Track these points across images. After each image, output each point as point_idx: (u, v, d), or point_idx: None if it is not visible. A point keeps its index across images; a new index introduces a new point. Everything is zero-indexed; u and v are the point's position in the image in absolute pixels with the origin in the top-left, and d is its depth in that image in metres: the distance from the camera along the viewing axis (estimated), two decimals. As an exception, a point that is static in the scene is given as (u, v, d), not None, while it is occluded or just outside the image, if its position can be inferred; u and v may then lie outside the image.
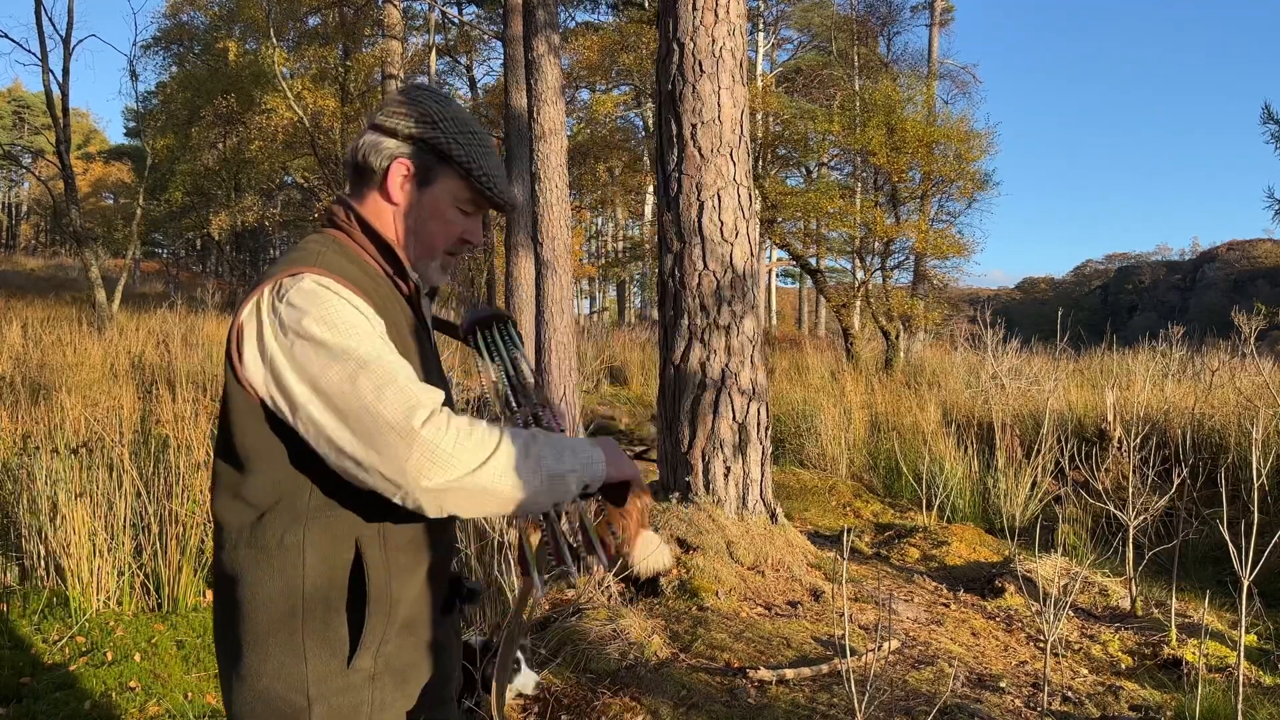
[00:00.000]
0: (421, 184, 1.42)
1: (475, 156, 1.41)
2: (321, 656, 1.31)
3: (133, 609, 4.13)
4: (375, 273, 1.40)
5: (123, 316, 16.08)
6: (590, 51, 26.61)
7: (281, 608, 1.30)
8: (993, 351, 10.75)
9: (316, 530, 1.31)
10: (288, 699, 1.30)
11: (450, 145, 1.39)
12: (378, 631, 1.32)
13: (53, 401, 5.88)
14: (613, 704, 3.27)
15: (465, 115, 1.44)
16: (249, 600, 1.32)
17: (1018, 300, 60.14)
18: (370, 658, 1.32)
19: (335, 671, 1.31)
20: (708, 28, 5.16)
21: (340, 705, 1.31)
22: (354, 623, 1.32)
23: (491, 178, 1.42)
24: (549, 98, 9.31)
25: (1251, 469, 3.50)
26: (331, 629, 1.31)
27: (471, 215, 1.46)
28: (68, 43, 15.33)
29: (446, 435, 1.21)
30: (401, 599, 1.36)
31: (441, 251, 1.46)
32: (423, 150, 1.40)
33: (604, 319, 36.52)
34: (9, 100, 51.61)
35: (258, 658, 1.32)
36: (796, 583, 4.75)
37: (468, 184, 1.41)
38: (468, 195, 1.43)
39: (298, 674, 1.30)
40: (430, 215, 1.42)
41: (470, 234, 1.46)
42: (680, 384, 5.20)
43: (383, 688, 1.34)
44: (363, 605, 1.31)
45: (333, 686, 1.31)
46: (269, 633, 1.31)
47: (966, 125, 16.96)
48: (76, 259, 25.77)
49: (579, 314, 33.01)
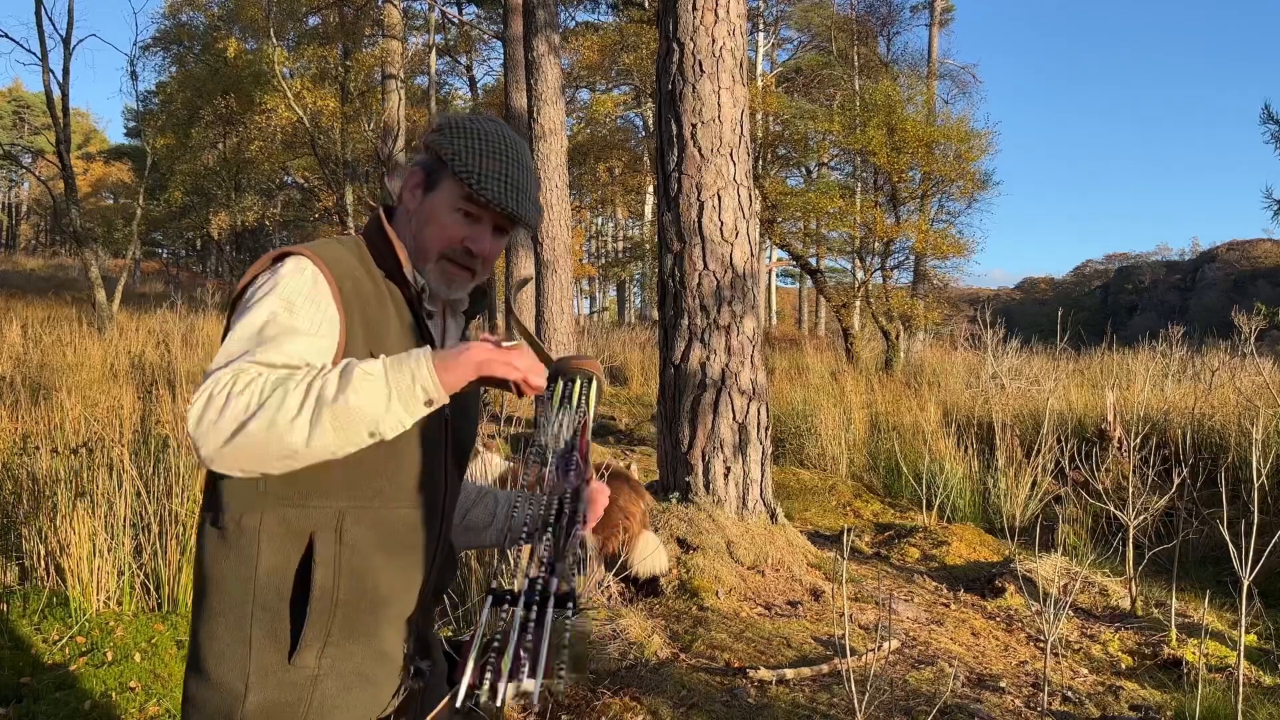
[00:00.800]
0: (427, 189, 1.44)
1: (467, 156, 1.39)
2: (266, 647, 1.30)
3: (133, 609, 4.12)
4: (377, 273, 1.41)
5: (123, 316, 16.07)
6: (590, 51, 26.62)
7: (235, 592, 1.30)
8: (993, 351, 10.76)
9: (272, 519, 1.30)
10: (227, 683, 1.29)
11: (445, 147, 1.40)
12: (319, 630, 1.30)
13: (53, 401, 5.87)
14: (613, 704, 3.27)
15: (488, 128, 1.42)
16: (208, 580, 1.33)
17: (1018, 300, 60.14)
18: (313, 657, 1.30)
19: (277, 665, 1.30)
20: (708, 28, 5.16)
21: (277, 699, 1.29)
22: (297, 618, 1.30)
23: (480, 176, 1.38)
24: (549, 98, 9.32)
25: (1251, 469, 3.50)
26: (279, 621, 1.30)
27: (476, 220, 1.42)
28: (68, 42, 15.31)
29: (220, 380, 1.19)
30: (353, 601, 1.32)
31: (436, 255, 1.43)
32: (432, 157, 1.43)
33: (604, 319, 36.53)
34: (9, 100, 51.62)
35: (206, 635, 1.32)
36: (796, 583, 4.75)
37: (461, 184, 1.40)
38: (463, 195, 1.41)
39: (241, 660, 1.29)
40: (429, 219, 1.43)
41: (474, 241, 1.42)
42: (680, 384, 5.20)
43: (324, 689, 1.32)
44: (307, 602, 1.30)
45: (273, 679, 1.29)
46: (219, 613, 1.31)
47: (966, 125, 16.96)
48: (76, 259, 25.77)
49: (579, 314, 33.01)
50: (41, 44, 15.14)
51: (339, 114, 23.75)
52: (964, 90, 26.65)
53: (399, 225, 1.45)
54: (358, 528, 1.33)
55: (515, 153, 1.43)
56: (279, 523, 1.30)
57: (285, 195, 33.28)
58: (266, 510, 1.30)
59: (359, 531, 1.33)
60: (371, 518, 1.34)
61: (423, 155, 1.46)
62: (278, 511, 1.30)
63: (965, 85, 26.45)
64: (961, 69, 26.52)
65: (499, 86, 24.22)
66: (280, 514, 1.30)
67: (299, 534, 1.30)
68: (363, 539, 1.34)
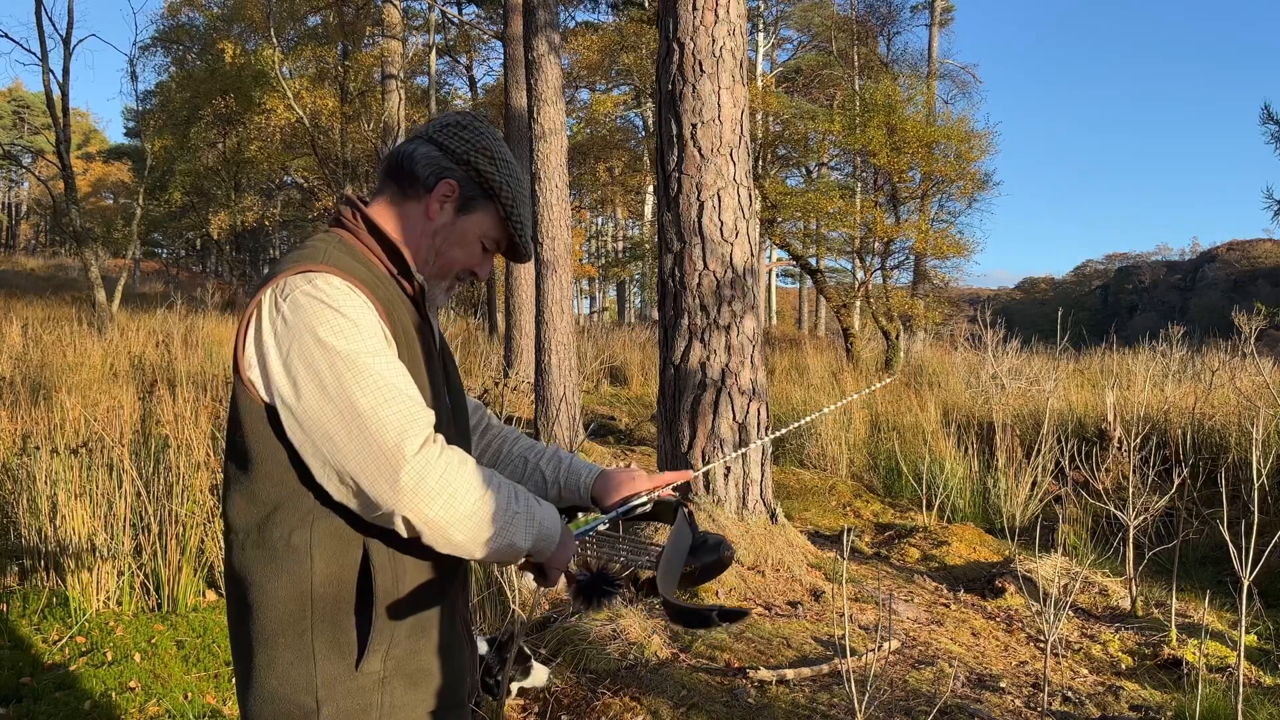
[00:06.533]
0: (461, 209, 1.45)
1: (517, 203, 1.47)
2: (330, 658, 1.30)
3: (133, 609, 4.12)
4: (381, 273, 1.40)
5: (123, 316, 16.06)
6: (590, 51, 26.61)
7: (290, 609, 1.30)
8: (993, 351, 10.75)
9: (322, 531, 1.30)
10: (296, 700, 1.30)
11: (501, 186, 1.44)
12: (385, 634, 1.32)
13: (53, 401, 5.87)
14: (613, 704, 3.27)
15: (512, 158, 1.49)
16: (258, 601, 1.32)
17: (1018, 300, 60.16)
18: (379, 660, 1.32)
19: (344, 674, 1.31)
20: (708, 28, 5.16)
21: (349, 708, 1.31)
22: (362, 625, 1.31)
23: (524, 226, 1.48)
24: (549, 97, 9.31)
25: (1251, 469, 3.50)
26: (340, 630, 1.31)
27: (489, 253, 1.51)
28: (68, 42, 15.31)
29: (435, 466, 1.23)
30: (410, 602, 1.35)
31: (453, 276, 1.49)
32: (473, 179, 1.44)
33: (604, 319, 36.52)
34: (9, 100, 51.62)
35: (266, 658, 1.32)
36: (796, 583, 4.75)
37: (503, 225, 1.47)
38: (496, 234, 1.48)
39: (306, 675, 1.30)
40: (458, 241, 1.46)
41: (481, 270, 1.51)
42: (680, 384, 5.20)
43: (393, 691, 1.34)
44: (370, 607, 1.31)
45: (341, 689, 1.30)
46: (277, 633, 1.31)
47: (966, 125, 16.97)
48: (76, 259, 25.76)
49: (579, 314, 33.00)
50: (41, 44, 15.14)
51: (339, 114, 23.75)
52: (964, 90, 26.70)
53: (406, 226, 1.44)
54: None
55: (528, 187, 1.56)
56: (329, 534, 1.31)
57: (285, 195, 33.29)
58: (316, 523, 1.31)
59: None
60: None
61: (459, 172, 1.43)
62: (327, 522, 1.31)
63: (965, 85, 26.51)
64: (961, 69, 26.58)
65: (499, 86, 24.23)
66: (330, 525, 1.31)
67: (351, 542, 1.31)
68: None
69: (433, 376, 1.43)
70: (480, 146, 1.44)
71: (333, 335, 1.25)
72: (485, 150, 1.44)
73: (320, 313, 1.26)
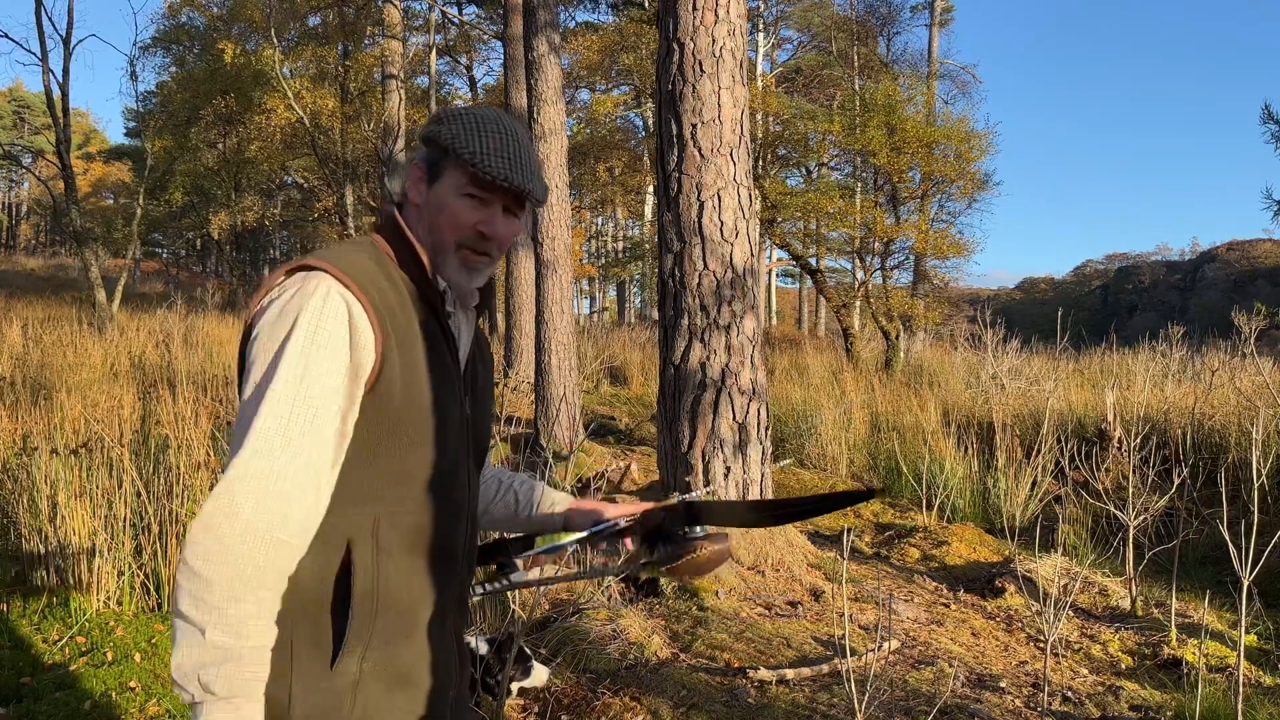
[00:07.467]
0: (430, 180, 1.42)
1: (465, 137, 1.38)
2: (309, 655, 1.30)
3: (133, 609, 4.13)
4: (398, 276, 1.39)
5: (123, 316, 16.06)
6: (590, 51, 26.62)
7: None
8: (993, 351, 10.76)
9: None
10: (271, 695, 1.28)
11: (452, 137, 1.39)
12: (362, 635, 1.31)
13: (53, 401, 5.87)
14: (613, 704, 3.27)
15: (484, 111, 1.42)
16: None
17: (1018, 300, 60.17)
18: (355, 661, 1.31)
19: (319, 672, 1.30)
20: (708, 28, 5.16)
21: (320, 705, 1.30)
22: (339, 624, 1.31)
23: (483, 154, 1.36)
24: (549, 97, 9.31)
25: (1251, 469, 3.50)
26: (320, 628, 1.30)
27: (486, 204, 1.41)
28: (68, 43, 15.31)
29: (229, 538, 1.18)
30: (392, 605, 1.34)
31: (453, 245, 1.42)
32: (431, 149, 1.42)
33: (604, 319, 36.53)
34: (9, 100, 51.64)
35: None
36: (796, 582, 4.75)
37: (466, 168, 1.39)
38: (468, 179, 1.39)
39: (283, 671, 1.29)
40: (438, 209, 1.41)
41: (487, 225, 1.41)
42: (680, 384, 5.20)
43: (367, 693, 1.33)
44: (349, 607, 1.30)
45: (315, 686, 1.30)
46: None
47: (966, 125, 16.96)
48: (76, 259, 25.75)
49: (579, 314, 33.01)
50: (41, 44, 15.15)
51: (339, 114, 23.75)
52: (964, 90, 26.71)
53: (411, 224, 1.44)
54: (393, 532, 1.34)
55: (515, 131, 1.42)
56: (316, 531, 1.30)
57: (285, 195, 33.29)
58: None
59: (394, 536, 1.34)
60: (405, 522, 1.35)
61: (422, 150, 1.44)
62: None
63: (965, 85, 26.52)
64: (961, 69, 26.57)
65: (499, 86, 24.22)
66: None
67: (336, 541, 1.31)
68: (398, 543, 1.35)
69: (441, 382, 1.40)
70: (434, 117, 1.44)
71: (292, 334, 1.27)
72: (436, 119, 1.43)
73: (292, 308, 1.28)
